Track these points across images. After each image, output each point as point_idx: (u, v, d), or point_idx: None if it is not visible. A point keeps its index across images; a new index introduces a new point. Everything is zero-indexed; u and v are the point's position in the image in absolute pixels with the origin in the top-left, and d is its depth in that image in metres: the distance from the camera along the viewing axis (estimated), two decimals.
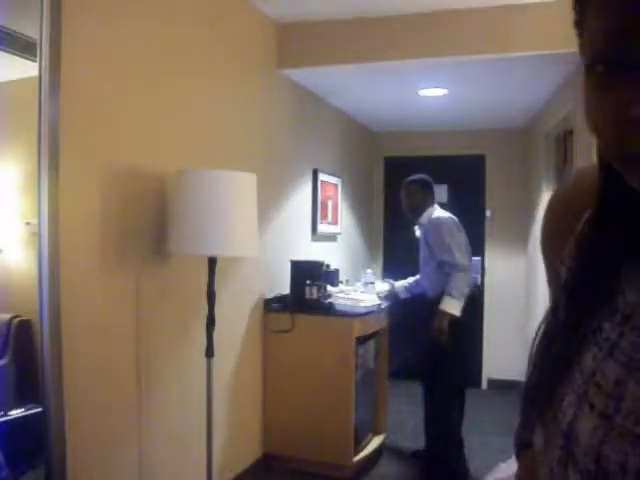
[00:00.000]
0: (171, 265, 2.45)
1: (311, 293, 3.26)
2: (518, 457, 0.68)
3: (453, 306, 3.16)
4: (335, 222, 4.48)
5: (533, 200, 4.71)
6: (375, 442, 3.56)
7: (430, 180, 3.50)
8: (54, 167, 1.78)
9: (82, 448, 1.95)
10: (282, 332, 3.24)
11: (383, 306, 3.59)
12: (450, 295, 3.16)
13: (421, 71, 3.62)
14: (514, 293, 5.18)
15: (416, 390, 3.69)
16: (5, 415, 1.70)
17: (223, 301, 2.60)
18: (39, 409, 1.77)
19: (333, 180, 4.43)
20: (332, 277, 3.71)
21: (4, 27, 1.67)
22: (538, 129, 4.65)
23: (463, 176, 5.37)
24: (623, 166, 0.42)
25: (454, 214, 3.42)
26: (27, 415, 1.76)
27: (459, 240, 3.30)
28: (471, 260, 3.38)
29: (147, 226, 2.33)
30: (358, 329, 3.22)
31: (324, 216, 4.26)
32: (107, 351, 2.10)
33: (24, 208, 1.82)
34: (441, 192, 5.22)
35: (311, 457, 3.23)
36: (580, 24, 0.43)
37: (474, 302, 3.40)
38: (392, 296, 3.81)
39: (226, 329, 2.79)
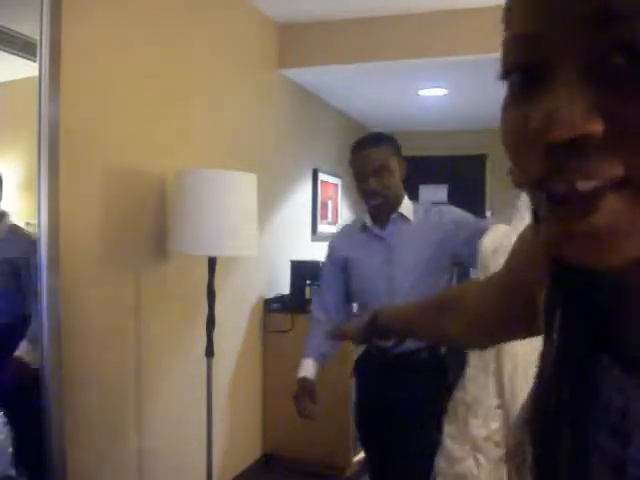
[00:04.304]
0: (171, 265, 2.45)
1: (311, 293, 3.26)
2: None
3: None
4: (335, 222, 4.48)
5: None
6: None
7: None
8: (54, 167, 1.78)
9: (82, 448, 1.95)
10: (282, 332, 3.24)
11: None
12: None
13: (421, 71, 3.62)
14: None
15: None
16: (5, 415, 1.70)
17: (223, 301, 2.60)
18: (39, 409, 1.77)
19: (333, 180, 4.44)
20: None
21: (4, 27, 1.67)
22: None
23: (463, 176, 5.36)
24: (532, 194, 0.38)
25: None
26: (27, 415, 1.76)
27: None
28: None
29: (147, 226, 2.32)
30: None
31: (324, 216, 4.26)
32: (107, 351, 2.10)
33: (24, 208, 1.83)
34: (441, 192, 5.23)
35: (311, 457, 3.22)
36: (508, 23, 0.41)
37: None
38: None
39: (226, 329, 2.79)
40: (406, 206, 2.08)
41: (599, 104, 0.31)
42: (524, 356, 1.77)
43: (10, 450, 1.65)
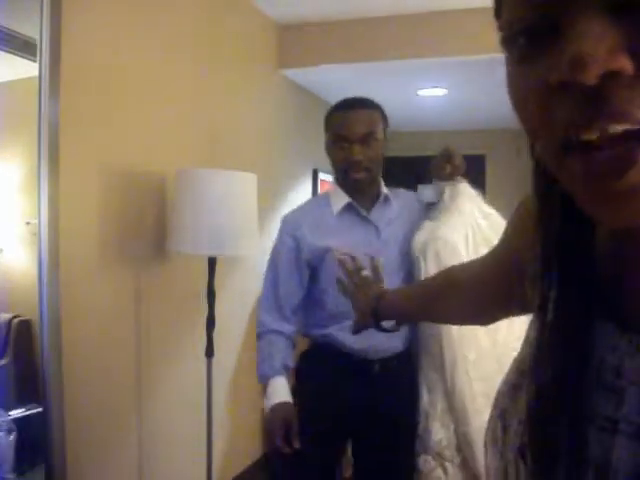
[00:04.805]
0: (171, 265, 2.45)
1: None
2: None
3: None
4: None
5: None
6: None
7: None
8: (54, 167, 1.78)
9: (82, 448, 1.95)
10: None
11: None
12: None
13: (421, 71, 3.62)
14: None
15: None
16: (5, 415, 1.70)
17: (223, 301, 2.60)
18: (39, 409, 1.77)
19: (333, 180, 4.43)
20: None
21: (4, 27, 1.67)
22: None
23: (463, 176, 5.35)
24: (557, 162, 0.36)
25: None
26: (27, 415, 1.76)
27: None
28: None
29: (147, 226, 2.32)
30: None
31: None
32: (107, 351, 2.10)
33: (24, 208, 1.82)
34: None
35: None
36: (499, 10, 0.40)
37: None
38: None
39: (226, 329, 2.79)
40: (385, 188, 1.81)
41: (626, 44, 0.31)
42: (460, 342, 1.74)
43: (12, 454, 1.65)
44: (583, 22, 0.31)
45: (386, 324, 1.09)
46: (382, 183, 1.80)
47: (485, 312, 0.83)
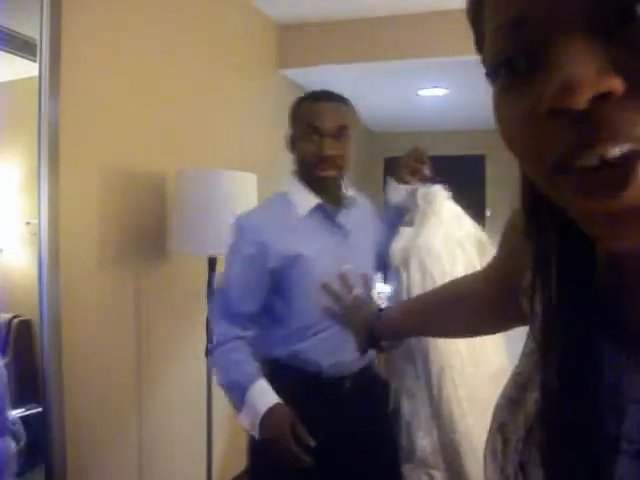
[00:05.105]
0: (171, 265, 2.45)
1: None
2: None
3: None
4: None
5: None
6: None
7: None
8: (54, 167, 1.78)
9: (82, 448, 1.95)
10: None
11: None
12: None
13: (421, 71, 3.62)
14: None
15: None
16: (10, 417, 1.70)
17: None
18: (39, 409, 1.77)
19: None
20: None
21: (4, 27, 1.67)
22: None
23: (463, 176, 5.37)
24: (550, 184, 0.35)
25: None
26: (27, 415, 1.76)
27: None
28: None
29: (147, 226, 2.32)
30: None
31: None
32: (107, 351, 2.10)
33: (24, 208, 1.82)
34: None
35: None
36: (479, 37, 0.39)
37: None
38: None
39: None
40: (351, 190, 1.66)
41: (613, 64, 0.30)
42: (447, 352, 1.71)
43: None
44: (567, 47, 0.31)
45: (384, 343, 1.04)
46: (346, 184, 1.67)
47: (487, 324, 0.83)
